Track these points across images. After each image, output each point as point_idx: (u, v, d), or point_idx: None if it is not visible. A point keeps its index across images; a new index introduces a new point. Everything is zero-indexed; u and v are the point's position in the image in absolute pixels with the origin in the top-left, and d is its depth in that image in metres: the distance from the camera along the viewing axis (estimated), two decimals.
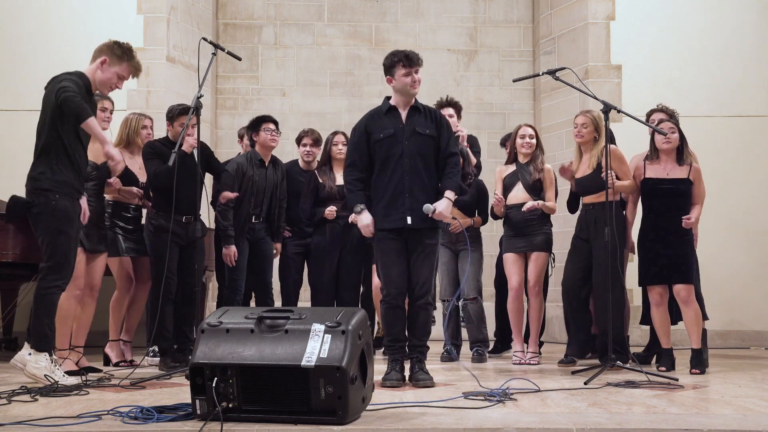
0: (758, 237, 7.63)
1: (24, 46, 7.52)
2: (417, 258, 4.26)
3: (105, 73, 4.24)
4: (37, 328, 4.04)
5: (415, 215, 4.21)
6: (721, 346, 7.33)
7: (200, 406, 2.91)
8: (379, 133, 4.29)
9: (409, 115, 4.34)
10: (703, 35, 7.85)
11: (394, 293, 4.25)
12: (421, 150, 4.28)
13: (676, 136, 5.08)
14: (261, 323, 3.00)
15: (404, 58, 4.28)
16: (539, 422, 2.94)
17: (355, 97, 8.75)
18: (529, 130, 5.73)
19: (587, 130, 5.42)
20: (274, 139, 5.66)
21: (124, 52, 4.27)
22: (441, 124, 4.38)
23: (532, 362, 5.50)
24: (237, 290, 5.50)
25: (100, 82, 4.26)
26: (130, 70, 4.31)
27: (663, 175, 5.08)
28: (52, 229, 4.05)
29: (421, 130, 4.29)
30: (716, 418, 3.15)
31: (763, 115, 7.79)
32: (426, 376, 4.18)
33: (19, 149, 4.23)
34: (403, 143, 4.26)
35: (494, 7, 8.96)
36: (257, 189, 5.58)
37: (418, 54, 4.35)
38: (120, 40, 4.34)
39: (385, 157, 4.28)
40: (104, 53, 4.24)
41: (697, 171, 5.10)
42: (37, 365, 4.01)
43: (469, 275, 5.83)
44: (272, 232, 5.73)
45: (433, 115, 4.40)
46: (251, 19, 8.85)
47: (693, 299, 5.00)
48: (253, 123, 5.74)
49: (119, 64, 4.25)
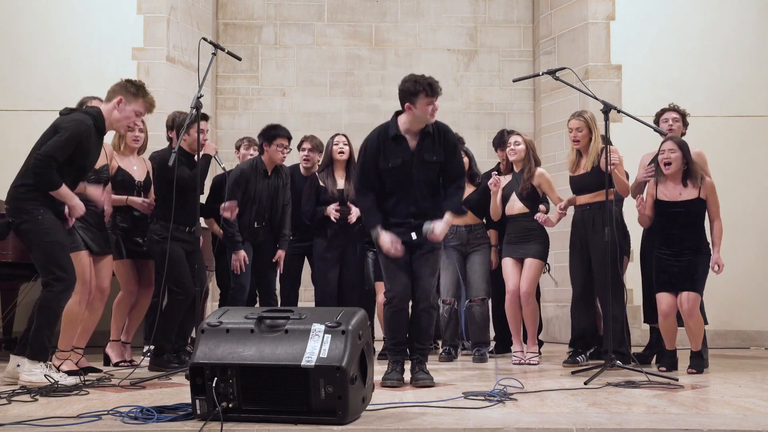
0: (758, 237, 7.63)
1: (24, 46, 7.51)
2: (419, 262, 4.26)
3: (122, 113, 4.28)
4: (37, 339, 4.01)
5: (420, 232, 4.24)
6: (721, 346, 7.33)
7: (200, 406, 2.91)
8: (388, 162, 4.26)
9: (420, 141, 4.27)
10: (703, 35, 7.85)
11: (397, 296, 4.25)
12: (428, 177, 4.29)
13: (677, 155, 4.91)
14: (261, 323, 3.00)
15: (428, 87, 4.16)
16: (539, 422, 2.94)
17: (355, 97, 8.75)
18: (515, 138, 5.72)
19: (582, 133, 5.41)
20: (284, 158, 5.61)
21: (138, 89, 4.33)
22: (450, 148, 4.32)
23: (533, 362, 5.50)
24: (242, 291, 5.48)
25: (116, 121, 4.30)
26: (146, 106, 4.37)
27: (675, 196, 4.93)
28: (45, 243, 4.04)
29: (428, 158, 4.26)
30: (716, 418, 3.15)
31: (763, 115, 7.79)
32: (426, 376, 4.18)
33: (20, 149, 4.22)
34: (412, 172, 4.25)
35: (494, 7, 8.95)
36: (259, 198, 5.53)
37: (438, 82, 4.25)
38: (132, 78, 4.42)
39: (393, 183, 4.28)
40: (119, 93, 4.28)
41: (708, 187, 4.94)
42: (31, 373, 3.99)
43: (477, 277, 5.83)
44: (275, 236, 5.68)
45: (443, 138, 4.32)
46: (251, 19, 8.85)
47: (696, 311, 4.92)
48: (267, 132, 5.59)
49: (135, 101, 4.30)
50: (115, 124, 4.32)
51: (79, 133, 4.08)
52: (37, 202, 4.04)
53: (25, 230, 4.06)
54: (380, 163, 4.26)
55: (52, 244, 4.04)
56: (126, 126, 4.38)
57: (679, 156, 4.92)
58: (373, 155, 4.29)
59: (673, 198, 4.94)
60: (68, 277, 4.07)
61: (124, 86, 4.31)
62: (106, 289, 4.90)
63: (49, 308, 4.03)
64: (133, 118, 4.35)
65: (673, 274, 4.92)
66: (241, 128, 8.44)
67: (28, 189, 4.05)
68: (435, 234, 4.20)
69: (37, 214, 4.03)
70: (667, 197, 4.96)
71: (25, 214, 4.04)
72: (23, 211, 4.05)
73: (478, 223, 5.92)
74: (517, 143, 5.68)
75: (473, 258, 5.87)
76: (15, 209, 4.08)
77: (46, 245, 4.04)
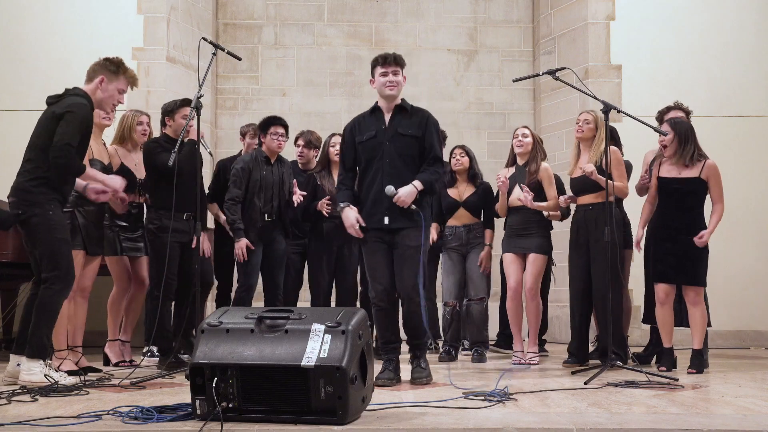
0: (758, 237, 7.63)
1: (24, 46, 7.52)
2: (399, 261, 4.23)
3: (106, 92, 4.28)
4: (36, 337, 4.01)
5: (393, 216, 4.20)
6: (721, 346, 7.33)
7: (200, 406, 2.91)
8: (363, 135, 4.32)
9: (394, 116, 4.33)
10: (703, 35, 7.85)
11: (380, 294, 4.25)
12: (403, 151, 4.27)
13: (670, 136, 5.04)
14: (261, 323, 3.00)
15: (381, 59, 4.29)
16: (539, 422, 2.94)
17: (355, 97, 8.74)
18: (523, 130, 5.72)
19: (589, 126, 5.42)
20: (281, 144, 5.61)
21: (118, 66, 4.33)
22: (428, 125, 4.33)
23: (533, 362, 5.50)
24: (250, 290, 5.48)
25: (102, 101, 4.31)
26: (128, 81, 4.38)
27: (675, 174, 5.06)
28: (53, 239, 4.03)
29: (403, 131, 4.28)
30: (716, 418, 3.15)
31: (763, 115, 7.79)
32: (423, 372, 4.19)
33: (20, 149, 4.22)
34: (384, 144, 4.26)
35: (494, 7, 8.95)
36: (265, 186, 5.54)
37: (398, 55, 4.31)
38: (109, 56, 4.40)
39: (368, 158, 4.30)
40: (99, 72, 4.29)
41: (710, 168, 5.02)
42: (30, 372, 3.98)
43: (477, 276, 5.83)
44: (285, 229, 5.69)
45: (419, 115, 4.36)
46: (251, 19, 8.85)
47: (701, 301, 5.00)
48: (262, 123, 5.68)
49: (117, 79, 4.31)
50: (101, 104, 4.32)
51: (85, 115, 4.10)
52: (49, 196, 4.04)
53: (34, 224, 4.03)
54: (356, 138, 4.33)
55: (59, 241, 4.04)
56: (111, 105, 4.37)
57: (672, 137, 5.03)
58: (350, 134, 4.38)
59: (674, 175, 5.05)
60: (68, 276, 4.07)
61: (104, 65, 4.31)
62: (87, 287, 4.91)
63: (48, 306, 4.03)
64: (116, 96, 4.33)
65: (671, 265, 4.97)
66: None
67: (40, 182, 4.04)
68: (400, 197, 4.15)
69: (48, 208, 4.03)
70: (668, 174, 5.07)
71: (37, 207, 4.02)
72: (35, 204, 4.02)
73: (476, 222, 5.92)
74: (525, 135, 5.68)
75: (472, 257, 5.88)
76: (25, 201, 4.05)
77: (54, 241, 4.03)
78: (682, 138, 5.04)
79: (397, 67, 4.28)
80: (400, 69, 4.30)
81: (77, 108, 4.09)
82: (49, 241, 4.03)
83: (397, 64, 4.28)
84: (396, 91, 4.30)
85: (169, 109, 5.31)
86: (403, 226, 4.21)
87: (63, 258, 4.05)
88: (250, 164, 5.54)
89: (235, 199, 5.46)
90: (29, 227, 4.06)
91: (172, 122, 5.25)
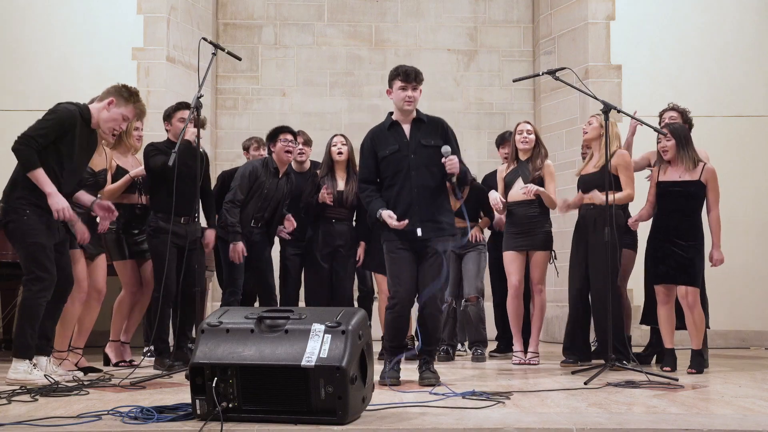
0: (758, 237, 7.63)
1: (24, 47, 7.51)
2: (425, 265, 4.25)
3: (111, 113, 4.31)
4: (19, 337, 4.08)
5: (425, 227, 4.23)
6: (721, 346, 7.33)
7: (200, 406, 2.91)
8: (385, 150, 4.32)
9: (413, 128, 4.36)
10: (703, 35, 7.85)
11: (401, 305, 4.25)
12: (428, 161, 4.30)
13: (672, 143, 5.06)
14: (261, 323, 3.00)
15: (402, 73, 4.30)
16: (539, 422, 2.94)
17: (355, 97, 8.74)
18: (527, 126, 5.72)
19: (592, 126, 5.43)
20: (290, 151, 5.60)
21: (131, 95, 4.38)
22: (446, 132, 4.39)
23: (533, 362, 5.49)
24: (236, 290, 5.49)
25: (103, 121, 4.32)
26: (135, 112, 4.44)
27: (675, 177, 5.09)
28: (26, 243, 4.09)
29: (425, 142, 4.31)
30: (716, 418, 3.15)
31: (763, 115, 7.79)
32: (433, 375, 4.21)
33: None
34: (410, 157, 4.28)
35: (494, 7, 8.95)
36: (265, 196, 5.55)
37: (418, 72, 4.33)
38: (128, 84, 4.46)
39: (394, 172, 4.31)
40: (112, 94, 4.33)
41: (709, 172, 5.08)
42: (15, 371, 4.03)
43: (471, 276, 5.84)
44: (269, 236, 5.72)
45: (435, 124, 4.41)
46: (251, 19, 8.85)
47: (698, 303, 5.00)
48: (270, 133, 5.68)
49: (126, 105, 4.34)
50: (101, 123, 4.34)
51: (63, 118, 4.12)
52: (24, 201, 4.09)
53: (11, 229, 4.13)
54: (379, 153, 4.33)
55: (33, 245, 4.09)
56: (111, 128, 4.39)
57: (673, 143, 5.06)
58: (369, 149, 4.38)
59: (674, 178, 5.09)
60: (47, 276, 4.10)
61: (119, 89, 4.37)
62: (102, 289, 4.92)
63: (29, 307, 4.08)
64: (119, 121, 4.36)
65: (670, 266, 5.00)
66: (241, 128, 8.45)
67: (20, 187, 4.10)
68: (452, 160, 4.20)
69: (23, 213, 4.08)
70: (668, 178, 5.11)
71: (13, 213, 4.10)
72: (10, 210, 4.11)
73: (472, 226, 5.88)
74: (530, 132, 5.68)
75: (467, 258, 5.89)
76: (5, 207, 4.15)
77: (28, 245, 4.09)
78: (680, 142, 5.08)
79: (416, 84, 4.31)
80: (419, 85, 4.33)
81: (60, 109, 4.15)
82: (24, 246, 4.10)
83: (416, 81, 4.31)
84: (413, 106, 4.35)
85: (166, 113, 5.35)
86: (435, 236, 4.25)
87: (39, 260, 4.08)
88: (258, 170, 5.55)
89: (236, 203, 5.47)
90: (8, 233, 4.18)
91: (170, 126, 5.28)
